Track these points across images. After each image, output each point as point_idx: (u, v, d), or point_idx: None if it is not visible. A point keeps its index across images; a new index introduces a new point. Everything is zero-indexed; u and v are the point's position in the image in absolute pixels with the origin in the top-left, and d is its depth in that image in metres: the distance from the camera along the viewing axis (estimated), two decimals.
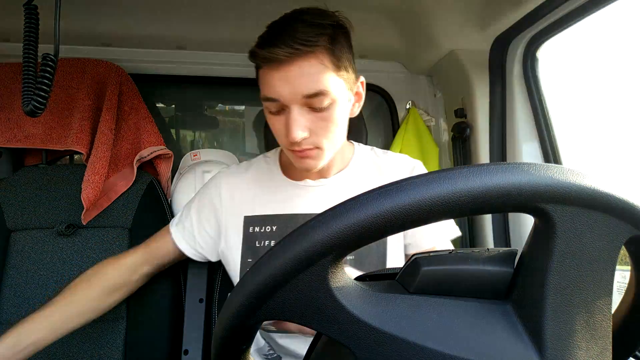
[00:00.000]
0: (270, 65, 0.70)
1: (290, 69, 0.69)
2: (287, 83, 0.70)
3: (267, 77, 0.72)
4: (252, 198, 0.89)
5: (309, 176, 0.88)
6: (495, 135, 1.25)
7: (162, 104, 1.79)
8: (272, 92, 0.72)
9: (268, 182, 0.91)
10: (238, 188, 0.90)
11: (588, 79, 1.26)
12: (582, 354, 0.33)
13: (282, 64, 0.69)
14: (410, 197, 0.30)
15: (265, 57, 0.70)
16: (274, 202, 0.88)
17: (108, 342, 1.07)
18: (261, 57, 0.71)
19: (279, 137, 0.77)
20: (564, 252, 0.32)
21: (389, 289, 0.35)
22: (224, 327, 0.34)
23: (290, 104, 0.71)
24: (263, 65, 0.72)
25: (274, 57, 0.69)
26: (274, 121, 0.76)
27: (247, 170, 0.93)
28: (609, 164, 1.19)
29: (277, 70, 0.70)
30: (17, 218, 1.12)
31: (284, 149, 0.80)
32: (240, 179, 0.92)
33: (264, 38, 0.72)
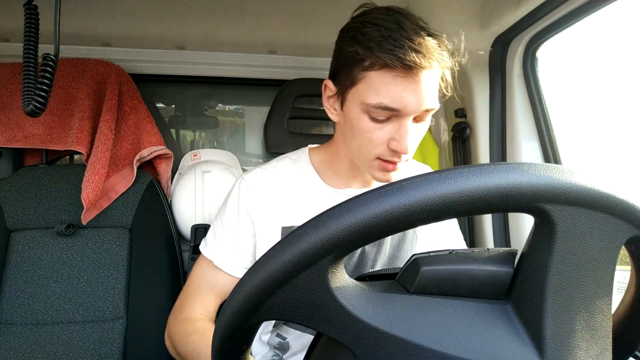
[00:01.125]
0: (397, 71, 0.64)
1: (422, 80, 0.65)
2: (415, 94, 0.65)
3: (389, 84, 0.65)
4: (288, 206, 0.82)
5: (353, 185, 0.84)
6: (495, 135, 1.25)
7: (162, 104, 1.79)
8: (396, 102, 0.66)
9: (305, 189, 0.83)
10: (271, 195, 0.83)
11: (588, 79, 1.26)
12: (582, 354, 0.33)
13: (415, 75, 0.64)
14: (410, 197, 0.30)
15: (400, 62, 0.63)
16: (315, 211, 0.78)
17: (108, 342, 1.07)
18: (392, 60, 0.63)
19: (373, 144, 0.70)
20: (564, 252, 0.32)
21: (389, 289, 0.35)
22: (224, 326, 0.34)
23: (409, 116, 0.67)
24: (382, 69, 0.65)
25: (413, 65, 0.63)
26: (372, 129, 0.69)
27: (277, 175, 0.85)
28: (608, 163, 1.19)
29: (407, 79, 0.65)
30: (17, 218, 1.12)
31: (365, 158, 0.73)
32: (272, 185, 0.83)
33: (392, 41, 0.64)
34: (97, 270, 1.11)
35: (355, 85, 0.69)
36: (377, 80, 0.66)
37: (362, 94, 0.68)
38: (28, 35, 0.62)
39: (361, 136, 0.71)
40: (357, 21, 0.70)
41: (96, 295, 1.10)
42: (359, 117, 0.70)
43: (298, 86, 1.22)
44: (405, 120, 0.68)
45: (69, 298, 1.09)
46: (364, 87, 0.68)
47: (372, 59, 0.65)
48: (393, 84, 0.65)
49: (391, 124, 0.69)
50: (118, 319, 1.09)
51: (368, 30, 0.66)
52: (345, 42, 0.70)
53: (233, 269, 0.83)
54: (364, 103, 0.68)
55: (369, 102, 0.67)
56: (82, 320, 1.08)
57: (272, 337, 0.86)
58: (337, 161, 0.84)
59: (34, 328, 1.06)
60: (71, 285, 1.10)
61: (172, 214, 1.22)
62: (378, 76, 0.66)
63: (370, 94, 0.67)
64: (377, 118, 0.68)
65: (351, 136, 0.74)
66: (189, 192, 1.23)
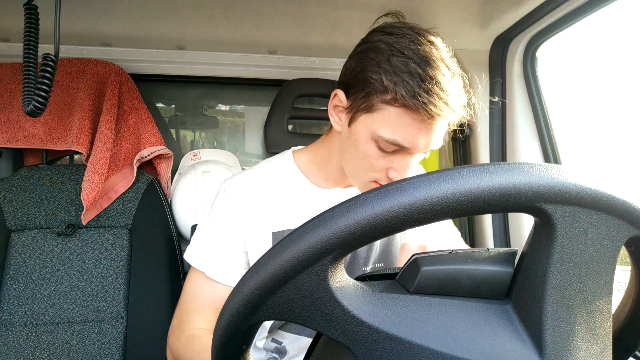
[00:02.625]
0: (417, 115, 0.63)
1: (437, 126, 0.66)
2: (427, 136, 0.66)
3: (406, 124, 0.65)
4: (277, 211, 0.80)
5: (339, 185, 0.84)
6: (495, 135, 1.25)
7: (162, 104, 1.79)
8: (408, 142, 0.66)
9: (293, 192, 0.82)
10: (257, 200, 0.80)
11: (588, 79, 1.26)
12: (582, 354, 0.33)
13: (434, 122, 0.65)
14: (410, 197, 0.30)
15: (425, 110, 0.62)
16: (304, 212, 0.80)
17: (108, 342, 1.07)
18: (416, 106, 0.62)
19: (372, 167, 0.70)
20: (564, 252, 0.32)
21: (389, 289, 0.35)
22: (224, 326, 0.34)
23: (414, 154, 0.68)
24: (402, 107, 0.64)
25: (436, 115, 0.63)
26: (377, 157, 0.69)
27: (262, 179, 0.83)
28: (608, 163, 1.19)
29: (424, 123, 0.64)
30: (17, 218, 1.12)
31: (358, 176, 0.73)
32: (257, 189, 0.81)
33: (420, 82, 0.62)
34: (97, 270, 1.11)
35: (371, 113, 0.67)
36: (394, 117, 0.65)
37: (376, 124, 0.66)
38: (28, 35, 0.62)
39: (364, 159, 0.70)
40: (384, 42, 0.66)
41: (96, 295, 1.10)
42: (367, 143, 0.69)
43: (298, 86, 1.22)
44: (410, 157, 0.69)
45: (69, 298, 1.09)
46: (379, 119, 0.66)
47: (396, 95, 0.63)
48: (410, 125, 0.65)
49: (396, 155, 0.69)
50: (118, 319, 1.09)
51: (396, 61, 0.64)
52: (368, 63, 0.67)
53: (228, 278, 0.80)
54: (375, 133, 0.67)
55: (381, 135, 0.66)
56: (82, 320, 1.08)
57: (268, 342, 0.85)
58: (327, 164, 0.82)
59: (34, 328, 1.06)
60: (71, 285, 1.10)
61: (172, 214, 1.22)
62: (397, 113, 0.65)
63: (384, 128, 0.66)
64: (385, 149, 0.68)
65: (352, 156, 0.73)
66: (189, 192, 1.23)
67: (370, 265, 0.84)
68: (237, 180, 0.83)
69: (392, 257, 0.86)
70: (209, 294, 0.80)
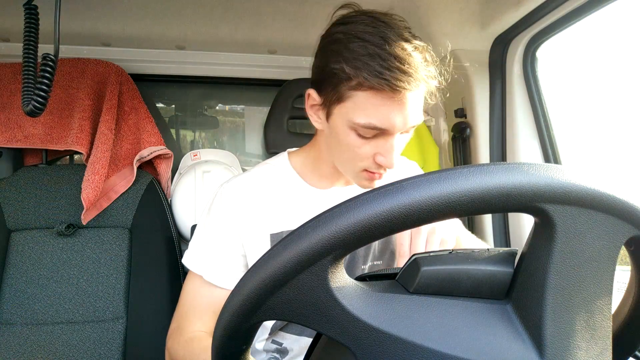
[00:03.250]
0: (385, 93, 0.64)
1: (408, 100, 0.65)
2: (402, 114, 0.66)
3: (377, 105, 0.65)
4: (274, 213, 0.80)
5: (336, 183, 0.83)
6: (495, 135, 1.25)
7: (162, 104, 1.79)
8: (384, 123, 0.66)
9: (290, 193, 0.82)
10: (254, 203, 0.80)
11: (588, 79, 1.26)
12: (582, 354, 0.33)
13: (403, 96, 0.64)
14: (410, 197, 0.30)
15: (389, 86, 0.63)
16: (302, 213, 0.80)
17: (108, 342, 1.07)
18: (380, 84, 0.63)
19: (359, 157, 0.71)
20: (564, 252, 0.32)
21: (389, 289, 0.35)
22: (223, 326, 0.34)
23: (395, 133, 0.68)
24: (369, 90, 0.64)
25: (401, 89, 0.63)
26: (359, 144, 0.69)
27: (258, 181, 0.83)
28: (608, 163, 1.19)
29: (394, 100, 0.64)
30: (17, 218, 1.12)
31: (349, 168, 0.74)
32: (254, 192, 0.81)
33: (380, 61, 0.63)
34: (97, 270, 1.11)
35: (342, 102, 0.68)
36: (364, 101, 0.66)
37: (350, 112, 0.67)
38: (28, 35, 0.62)
39: (348, 150, 0.71)
40: (340, 32, 0.68)
41: (96, 295, 1.10)
42: (346, 133, 0.69)
43: (298, 86, 1.22)
44: (391, 137, 0.69)
45: (69, 298, 1.09)
46: (351, 106, 0.67)
47: (360, 79, 0.64)
48: (381, 105, 0.65)
49: (377, 140, 0.69)
50: (118, 319, 1.09)
51: (354, 47, 0.65)
52: (330, 56, 0.68)
53: (226, 282, 0.80)
54: (351, 121, 0.67)
55: (357, 122, 0.67)
56: (82, 320, 1.08)
57: (268, 344, 0.85)
58: (320, 164, 0.82)
59: (34, 328, 1.06)
60: (71, 285, 1.10)
61: (172, 214, 1.22)
62: (365, 97, 0.65)
63: (358, 114, 0.66)
64: (364, 135, 0.68)
65: (337, 150, 0.74)
66: (189, 192, 1.23)
67: (368, 263, 0.84)
68: (234, 183, 0.83)
69: (390, 255, 0.86)
70: (207, 298, 0.80)
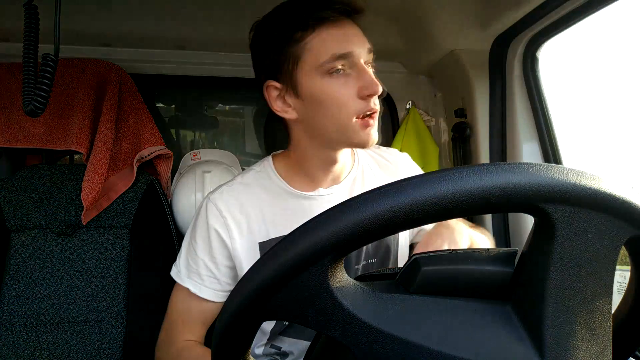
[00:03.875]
0: (328, 22, 0.69)
1: (350, 25, 0.71)
2: (356, 37, 0.71)
3: (330, 36, 0.69)
4: (262, 220, 0.80)
5: (324, 184, 0.82)
6: (495, 135, 1.25)
7: (162, 104, 1.79)
8: (345, 46, 0.69)
9: (275, 200, 0.81)
10: (241, 212, 0.80)
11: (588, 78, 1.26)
12: (582, 354, 0.33)
13: (342, 21, 0.70)
14: (410, 197, 0.30)
15: (320, 8, 0.69)
16: (289, 219, 0.79)
17: (108, 342, 1.07)
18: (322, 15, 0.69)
19: (348, 104, 0.70)
20: (564, 252, 0.32)
21: (389, 289, 0.35)
22: (223, 327, 0.34)
23: (361, 59, 0.71)
24: (317, 27, 0.69)
25: (336, 8, 0.69)
26: (338, 87, 0.70)
27: (244, 190, 0.82)
28: (609, 163, 1.19)
29: (339, 26, 0.70)
30: (17, 218, 1.11)
31: (348, 124, 0.71)
32: (240, 202, 0.80)
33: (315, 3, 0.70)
34: (97, 270, 1.11)
35: (302, 59, 0.70)
36: (318, 41, 0.69)
37: (312, 60, 0.70)
38: (28, 35, 0.62)
39: (331, 103, 0.70)
40: (263, 20, 0.75)
41: (96, 295, 1.10)
42: (320, 84, 0.70)
43: None
44: (361, 64, 0.70)
45: (69, 298, 1.09)
46: (310, 54, 0.70)
47: (306, 27, 0.69)
48: (333, 34, 0.69)
49: (350, 75, 0.70)
50: (118, 319, 1.09)
51: (281, 12, 0.72)
52: (269, 37, 0.73)
53: (213, 295, 0.80)
54: (317, 66, 0.69)
55: (322, 61, 0.69)
56: (82, 320, 1.08)
57: (267, 348, 0.85)
58: (304, 162, 0.80)
59: (34, 328, 1.06)
60: (71, 285, 1.10)
61: (172, 214, 1.22)
62: (318, 37, 0.69)
63: (319, 55, 0.69)
64: (336, 70, 0.69)
65: (322, 113, 0.72)
66: (189, 192, 1.23)
67: (362, 263, 0.83)
68: (218, 194, 0.82)
69: (385, 253, 0.85)
70: (195, 309, 0.81)
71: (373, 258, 0.85)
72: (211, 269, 0.80)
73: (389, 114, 1.58)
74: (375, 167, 0.89)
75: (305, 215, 0.80)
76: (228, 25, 1.23)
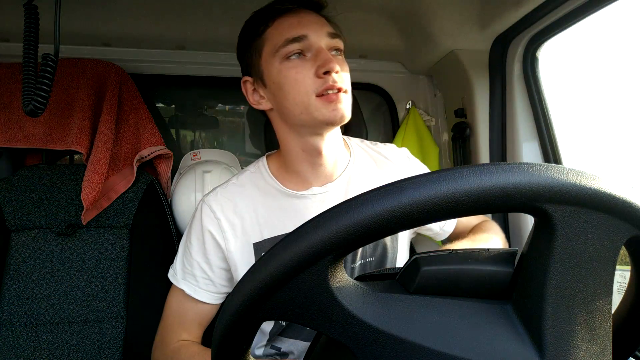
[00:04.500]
0: (286, 13, 0.75)
1: (309, 14, 0.75)
2: (312, 22, 0.74)
3: (285, 24, 0.74)
4: (256, 221, 0.80)
5: (316, 181, 0.81)
6: (495, 135, 1.25)
7: (162, 104, 1.79)
8: (298, 31, 0.72)
9: (269, 199, 0.81)
10: (235, 213, 0.80)
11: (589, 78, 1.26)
12: (582, 354, 0.33)
13: (300, 10, 0.75)
14: (410, 197, 0.30)
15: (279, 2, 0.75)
16: (283, 219, 0.80)
17: (108, 342, 1.07)
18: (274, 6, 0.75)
19: (305, 83, 0.71)
20: (564, 252, 0.32)
21: (389, 289, 0.35)
22: (224, 327, 0.34)
23: (318, 41, 0.73)
24: (275, 18, 0.75)
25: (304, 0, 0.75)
26: (296, 69, 0.72)
27: (238, 191, 0.83)
28: (609, 163, 1.19)
29: (296, 14, 0.74)
30: (17, 218, 1.12)
31: (309, 103, 0.72)
32: (234, 203, 0.81)
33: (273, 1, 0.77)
34: (97, 270, 1.11)
35: (263, 49, 0.76)
36: (275, 30, 0.74)
37: (271, 48, 0.74)
38: (28, 35, 0.62)
39: (290, 85, 0.73)
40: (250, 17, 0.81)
41: (96, 295, 1.10)
42: (279, 69, 0.74)
43: None
44: (318, 47, 0.73)
45: (69, 298, 1.09)
46: (268, 43, 0.75)
47: (264, 21, 0.75)
48: (288, 21, 0.74)
49: (307, 58, 0.73)
50: (118, 319, 1.09)
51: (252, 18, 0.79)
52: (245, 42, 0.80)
53: (208, 297, 0.81)
54: (274, 52, 0.73)
55: (279, 46, 0.73)
56: (82, 320, 1.08)
57: (267, 349, 0.85)
58: (290, 157, 0.81)
59: (34, 328, 1.06)
60: (71, 285, 1.09)
61: (172, 214, 1.22)
62: (275, 27, 0.75)
63: (276, 41, 0.73)
64: (294, 54, 0.73)
65: (284, 96, 0.74)
66: (189, 192, 1.23)
67: (358, 262, 0.83)
68: (213, 196, 0.83)
69: (382, 251, 0.85)
70: (191, 311, 0.81)
71: (371, 257, 0.84)
72: (205, 271, 0.81)
73: (389, 113, 1.58)
74: (372, 165, 0.88)
75: (299, 215, 0.81)
76: (228, 25, 1.23)
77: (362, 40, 1.32)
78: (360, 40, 1.30)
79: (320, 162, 0.79)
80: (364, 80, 1.52)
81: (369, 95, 1.60)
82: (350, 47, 0.79)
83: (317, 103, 0.72)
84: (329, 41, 0.74)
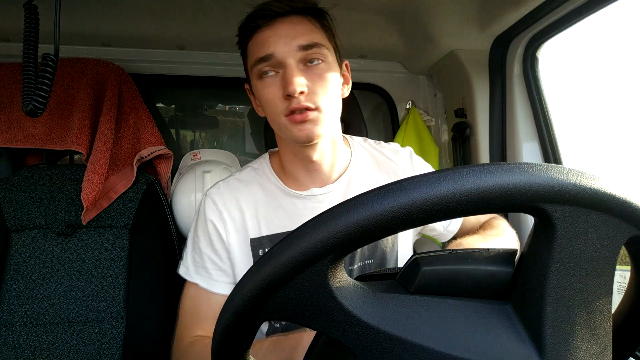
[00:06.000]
0: (262, 26, 0.72)
1: (283, 24, 0.72)
2: (281, 37, 0.71)
3: (258, 39, 0.73)
4: (255, 217, 0.81)
5: (314, 184, 0.82)
6: (495, 135, 1.25)
7: (162, 104, 1.79)
8: (265, 50, 0.71)
9: (270, 197, 0.82)
10: (236, 208, 0.81)
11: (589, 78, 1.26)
12: (582, 354, 0.33)
13: (275, 21, 0.72)
14: (410, 197, 0.30)
15: (257, 16, 0.72)
16: (282, 218, 0.80)
17: (108, 342, 1.07)
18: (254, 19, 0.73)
19: (275, 103, 0.72)
20: (564, 252, 0.32)
21: (389, 289, 0.35)
22: (224, 326, 0.34)
23: (285, 59, 0.70)
24: (253, 33, 0.74)
25: (267, 13, 0.71)
26: (268, 89, 0.72)
27: (240, 187, 0.84)
28: (609, 163, 1.19)
29: (270, 27, 0.72)
30: (17, 218, 1.12)
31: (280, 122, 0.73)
32: (236, 198, 0.82)
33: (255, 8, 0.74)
34: (97, 270, 1.11)
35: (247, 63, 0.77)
36: (252, 46, 0.74)
37: (249, 65, 0.76)
38: (28, 35, 0.62)
39: (265, 103, 0.74)
40: None
41: (96, 295, 1.10)
42: (256, 86, 0.75)
43: None
44: (286, 65, 0.71)
45: (69, 298, 1.09)
46: (248, 60, 0.76)
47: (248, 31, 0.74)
48: (260, 37, 0.72)
49: (277, 76, 0.72)
50: (118, 319, 1.09)
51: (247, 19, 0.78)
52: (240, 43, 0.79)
53: (221, 287, 0.81)
54: (252, 69, 0.74)
55: (252, 65, 0.73)
56: (82, 320, 1.08)
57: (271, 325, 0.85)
58: (287, 164, 0.82)
59: (34, 328, 1.06)
60: (71, 285, 1.10)
61: (172, 214, 1.22)
62: (252, 43, 0.74)
63: (250, 59, 0.74)
64: (263, 73, 0.72)
65: (265, 112, 0.77)
66: (189, 192, 1.23)
67: (357, 264, 0.83)
68: (215, 189, 0.84)
69: (381, 253, 0.85)
70: (205, 304, 0.81)
71: (370, 259, 0.84)
72: (216, 262, 0.81)
73: (389, 113, 1.58)
74: (373, 166, 0.88)
75: (298, 215, 0.81)
76: (228, 25, 1.22)
77: (362, 40, 1.32)
78: (360, 40, 1.30)
79: (314, 168, 0.80)
80: (363, 80, 1.52)
81: (369, 95, 1.61)
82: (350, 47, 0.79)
83: (287, 123, 0.73)
84: (301, 54, 0.71)
